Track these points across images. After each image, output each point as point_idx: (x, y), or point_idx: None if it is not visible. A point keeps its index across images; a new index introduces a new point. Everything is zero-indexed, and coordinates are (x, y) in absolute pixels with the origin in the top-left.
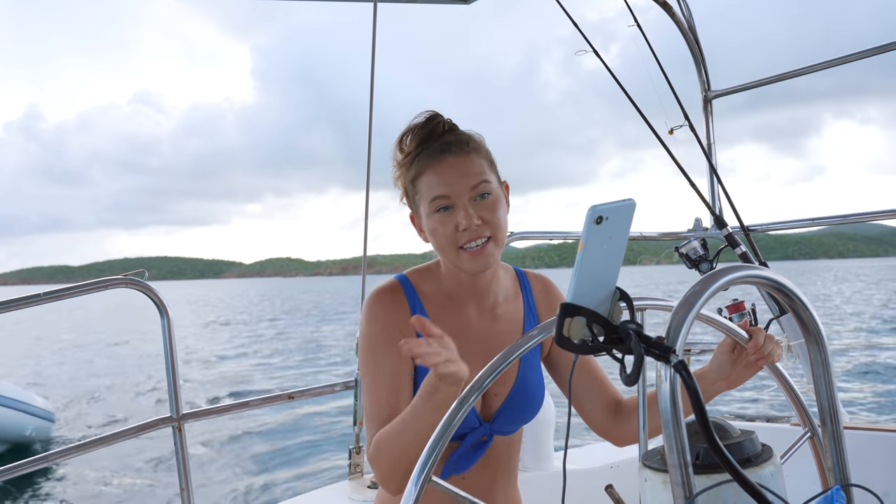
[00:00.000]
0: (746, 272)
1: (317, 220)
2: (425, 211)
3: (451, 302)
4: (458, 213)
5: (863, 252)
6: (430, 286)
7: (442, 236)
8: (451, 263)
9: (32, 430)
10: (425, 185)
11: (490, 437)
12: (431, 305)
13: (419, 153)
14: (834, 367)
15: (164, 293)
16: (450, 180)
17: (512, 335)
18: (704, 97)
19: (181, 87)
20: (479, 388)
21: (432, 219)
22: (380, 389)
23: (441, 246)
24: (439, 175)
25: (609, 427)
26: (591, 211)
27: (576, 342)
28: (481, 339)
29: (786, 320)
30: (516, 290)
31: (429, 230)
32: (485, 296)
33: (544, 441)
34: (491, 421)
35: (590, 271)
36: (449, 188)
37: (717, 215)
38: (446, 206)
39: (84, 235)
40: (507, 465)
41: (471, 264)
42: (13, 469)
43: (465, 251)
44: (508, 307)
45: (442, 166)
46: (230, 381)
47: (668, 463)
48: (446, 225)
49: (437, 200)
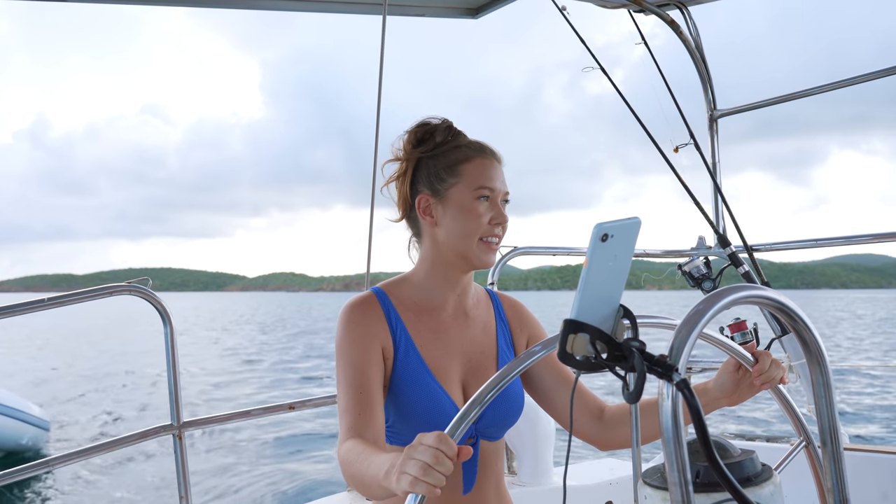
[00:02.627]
0: (750, 292)
1: (320, 236)
2: (462, 195)
3: (426, 306)
4: (496, 208)
5: (865, 283)
6: (404, 293)
7: (474, 223)
8: (459, 253)
9: (29, 439)
10: (471, 172)
11: (477, 440)
12: (406, 311)
13: (467, 143)
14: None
15: (168, 302)
16: (495, 177)
17: (486, 340)
18: (710, 116)
19: (189, 100)
20: (482, 403)
21: (471, 205)
22: (350, 384)
23: (465, 232)
24: (488, 169)
25: (595, 434)
26: (596, 228)
27: (579, 358)
28: (458, 341)
29: (787, 340)
30: (487, 302)
31: (456, 213)
32: (461, 300)
33: (543, 456)
34: (476, 423)
35: (594, 288)
36: (494, 183)
37: (721, 234)
38: (487, 196)
39: (88, 244)
40: (495, 472)
41: (486, 256)
42: (14, 473)
43: (484, 242)
44: (480, 313)
45: (490, 163)
46: (231, 389)
47: (668, 481)
48: (484, 214)
49: (483, 189)
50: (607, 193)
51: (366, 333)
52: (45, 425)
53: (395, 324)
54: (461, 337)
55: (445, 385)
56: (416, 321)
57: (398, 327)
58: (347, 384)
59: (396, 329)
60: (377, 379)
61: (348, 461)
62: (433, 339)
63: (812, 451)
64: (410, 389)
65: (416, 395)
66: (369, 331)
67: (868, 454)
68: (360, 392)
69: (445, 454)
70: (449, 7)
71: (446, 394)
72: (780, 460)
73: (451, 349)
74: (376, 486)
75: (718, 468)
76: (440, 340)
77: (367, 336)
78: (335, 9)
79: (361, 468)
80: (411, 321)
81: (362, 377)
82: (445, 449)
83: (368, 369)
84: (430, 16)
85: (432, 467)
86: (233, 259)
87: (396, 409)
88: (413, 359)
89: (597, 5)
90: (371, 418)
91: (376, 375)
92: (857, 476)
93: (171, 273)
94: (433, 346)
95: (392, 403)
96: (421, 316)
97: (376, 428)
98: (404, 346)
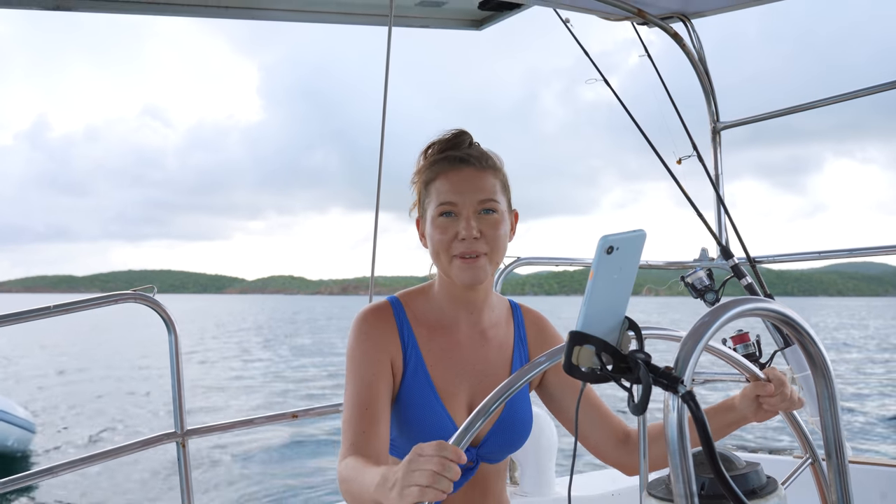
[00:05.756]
0: (756, 304)
1: (318, 239)
2: (430, 214)
3: (441, 323)
4: (460, 223)
5: (863, 291)
6: (421, 307)
7: (439, 242)
8: (442, 272)
9: (14, 441)
10: (436, 190)
11: (476, 464)
12: (420, 327)
13: (438, 159)
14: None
15: (170, 307)
16: (461, 189)
17: (500, 360)
18: (713, 128)
19: (188, 102)
20: (486, 413)
21: (435, 222)
22: (357, 399)
23: (436, 251)
24: (451, 183)
25: (618, 457)
26: (602, 241)
27: (584, 370)
28: (469, 361)
29: (790, 352)
30: (508, 319)
31: (429, 234)
32: (476, 319)
33: (546, 467)
34: (478, 447)
35: (599, 300)
36: (458, 196)
37: (724, 246)
38: (450, 212)
39: (88, 246)
40: (495, 492)
41: (462, 273)
42: (17, 480)
43: (457, 259)
44: (498, 333)
45: (456, 175)
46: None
47: (673, 493)
48: (446, 231)
49: (443, 206)
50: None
51: (376, 345)
52: (31, 427)
53: (408, 339)
54: (474, 357)
55: (449, 406)
56: (429, 338)
57: (410, 343)
58: (354, 398)
59: (408, 344)
60: (385, 394)
61: (347, 478)
62: (443, 359)
63: (817, 464)
64: (414, 407)
65: (419, 413)
66: (380, 343)
67: (872, 467)
68: (366, 408)
69: (450, 459)
70: (453, 19)
71: (448, 415)
72: (787, 476)
73: (462, 370)
74: (369, 500)
75: (724, 480)
76: (451, 360)
77: (378, 348)
78: (341, 20)
79: (357, 485)
80: (423, 338)
81: (369, 391)
82: (450, 455)
83: (376, 384)
84: (435, 27)
85: (440, 474)
86: (231, 261)
87: (399, 423)
88: (421, 377)
89: (600, 18)
90: (374, 435)
91: (384, 390)
92: (861, 489)
93: (171, 275)
94: (443, 365)
95: (396, 417)
96: (434, 333)
97: (379, 444)
98: (414, 363)
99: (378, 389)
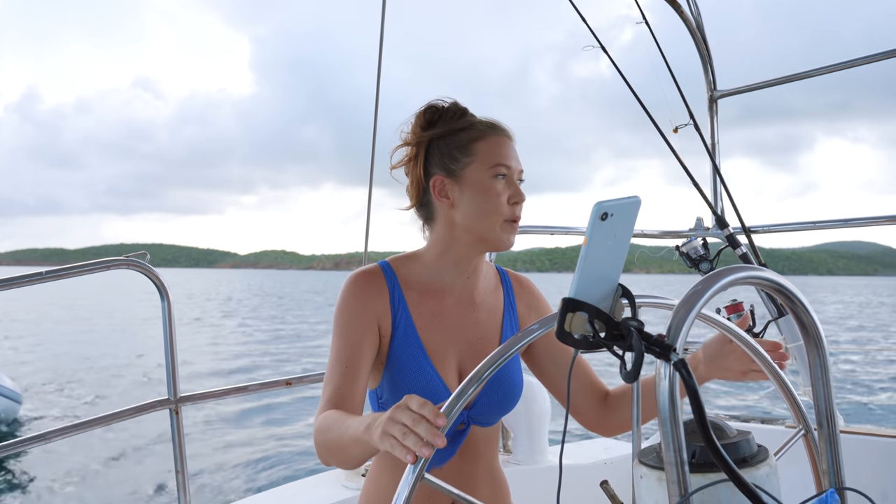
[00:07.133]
0: (749, 273)
1: (311, 214)
2: (478, 174)
3: (432, 288)
4: (513, 186)
5: (852, 270)
6: (412, 271)
7: (494, 201)
8: (483, 233)
9: (1, 411)
10: (486, 150)
11: (468, 426)
12: (410, 291)
13: (485, 123)
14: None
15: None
16: (509, 154)
17: (491, 325)
18: (710, 97)
19: (180, 75)
20: (479, 380)
21: (490, 182)
22: (340, 358)
23: (486, 212)
24: (502, 147)
25: (597, 418)
26: (596, 207)
27: (577, 337)
28: (459, 325)
29: (784, 322)
30: (497, 285)
31: (480, 191)
32: (467, 284)
33: (539, 435)
34: (469, 408)
35: (593, 267)
36: (509, 160)
37: (719, 215)
38: (504, 174)
39: (79, 219)
40: (487, 457)
41: (509, 236)
42: (12, 446)
43: (507, 222)
44: (488, 298)
45: (504, 140)
46: (229, 364)
47: (664, 461)
48: (502, 193)
49: (499, 167)
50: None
51: (364, 307)
52: (18, 397)
53: (398, 302)
54: (464, 321)
55: (440, 368)
56: (420, 301)
57: (400, 306)
58: (336, 357)
59: (398, 307)
60: (367, 354)
61: (324, 428)
62: (434, 322)
63: (809, 434)
64: (405, 369)
65: (409, 375)
66: (368, 305)
67: (863, 437)
68: (346, 366)
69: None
70: None
71: (440, 377)
72: (779, 447)
73: (452, 333)
74: (354, 444)
75: (715, 449)
76: (441, 323)
77: (365, 310)
78: None
79: (338, 432)
80: (414, 301)
81: (352, 350)
82: (427, 414)
83: (360, 344)
84: None
85: (412, 430)
86: (224, 236)
87: (390, 386)
88: (411, 339)
89: None
90: (352, 392)
91: (367, 350)
92: (851, 459)
93: (163, 249)
94: (433, 328)
95: (387, 380)
96: (425, 296)
97: (355, 401)
98: (403, 326)
99: (361, 349)
